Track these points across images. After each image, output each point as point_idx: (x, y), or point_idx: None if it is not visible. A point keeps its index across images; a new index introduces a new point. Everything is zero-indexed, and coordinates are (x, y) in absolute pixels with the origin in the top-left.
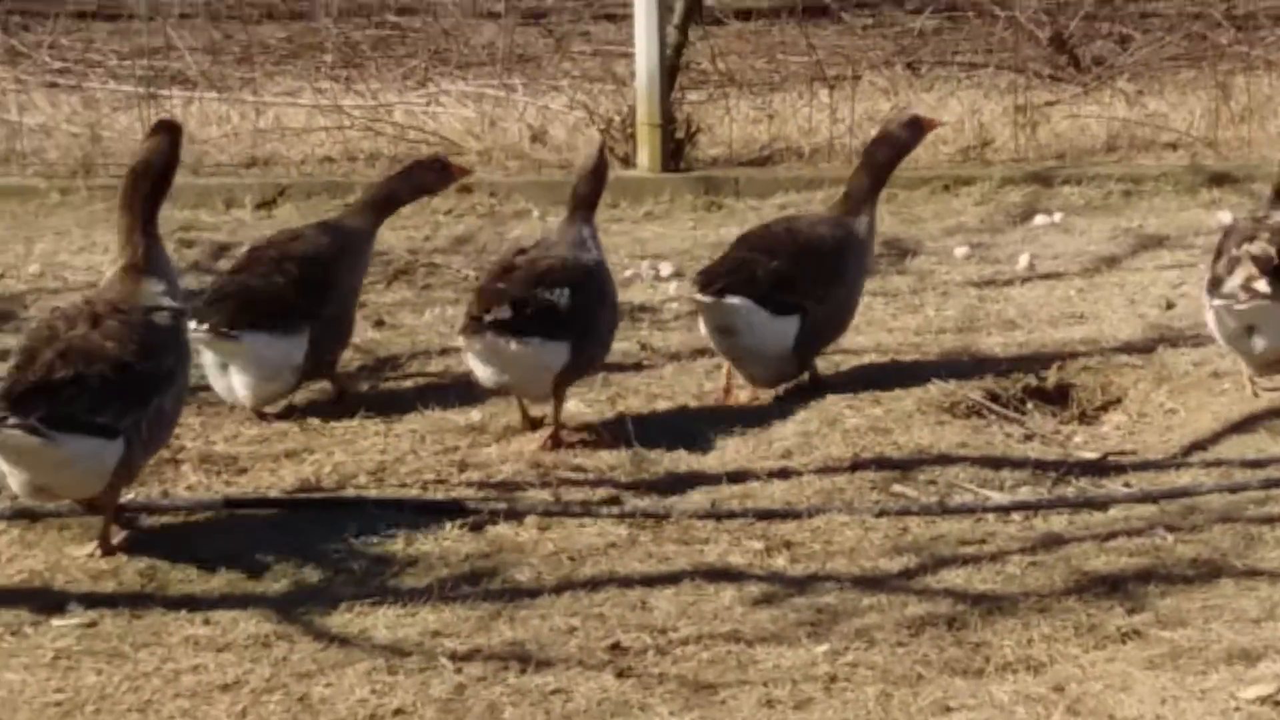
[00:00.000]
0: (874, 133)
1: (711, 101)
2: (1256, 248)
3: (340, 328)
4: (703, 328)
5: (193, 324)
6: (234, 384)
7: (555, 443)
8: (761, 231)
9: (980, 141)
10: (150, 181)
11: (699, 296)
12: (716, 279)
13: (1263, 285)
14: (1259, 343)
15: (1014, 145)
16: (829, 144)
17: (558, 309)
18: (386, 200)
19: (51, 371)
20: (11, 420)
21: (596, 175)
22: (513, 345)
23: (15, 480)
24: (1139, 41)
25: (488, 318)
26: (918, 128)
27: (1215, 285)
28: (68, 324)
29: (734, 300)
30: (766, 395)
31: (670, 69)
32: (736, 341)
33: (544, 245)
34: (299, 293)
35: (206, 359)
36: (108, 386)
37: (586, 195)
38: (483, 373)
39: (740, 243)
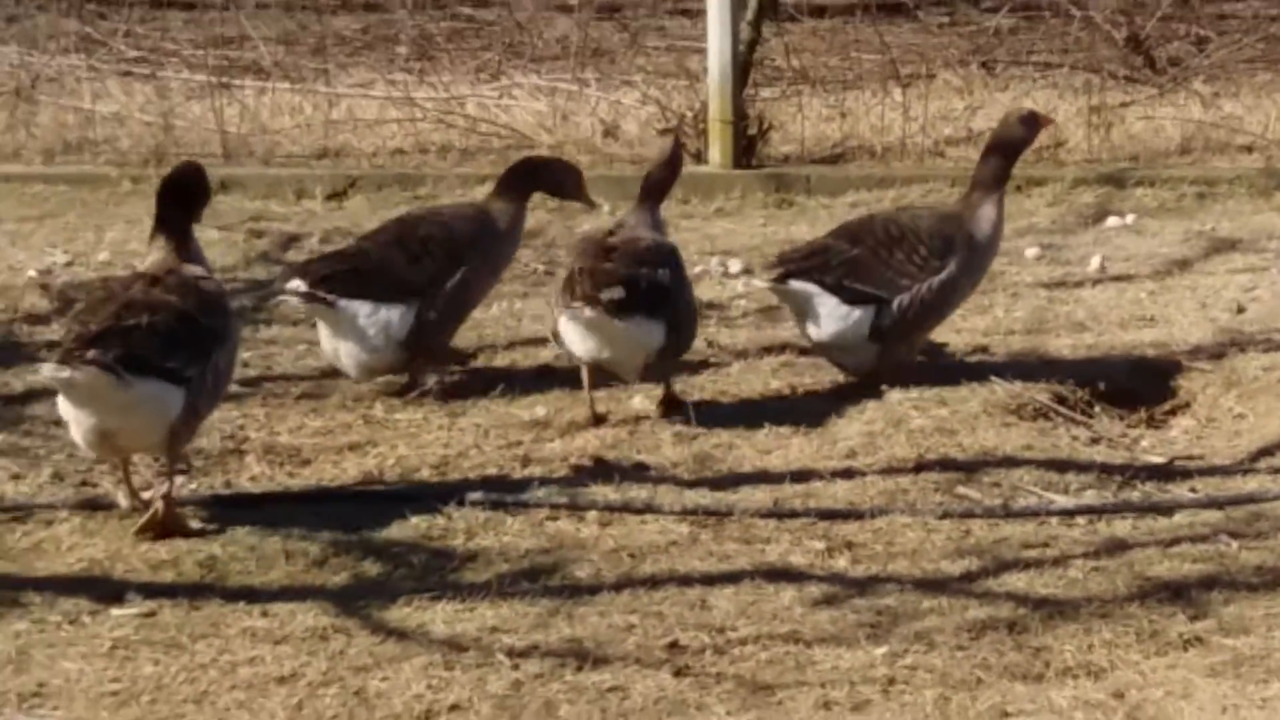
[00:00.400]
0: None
1: (784, 99)
2: None
3: (455, 308)
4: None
5: (293, 283)
6: (339, 352)
7: (671, 406)
8: (859, 220)
9: (1054, 142)
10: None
11: (758, 282)
12: (787, 264)
13: None
14: None
15: (1087, 146)
16: (901, 143)
17: (664, 288)
18: (528, 182)
19: (119, 319)
20: (90, 354)
21: (671, 166)
22: (621, 324)
23: (79, 428)
24: (1216, 43)
25: (604, 296)
26: (1033, 124)
27: None
28: (124, 286)
29: (799, 285)
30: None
31: (743, 65)
32: (808, 329)
33: (628, 228)
34: (410, 265)
35: (320, 326)
36: (174, 335)
37: (659, 184)
38: (582, 348)
39: (834, 231)
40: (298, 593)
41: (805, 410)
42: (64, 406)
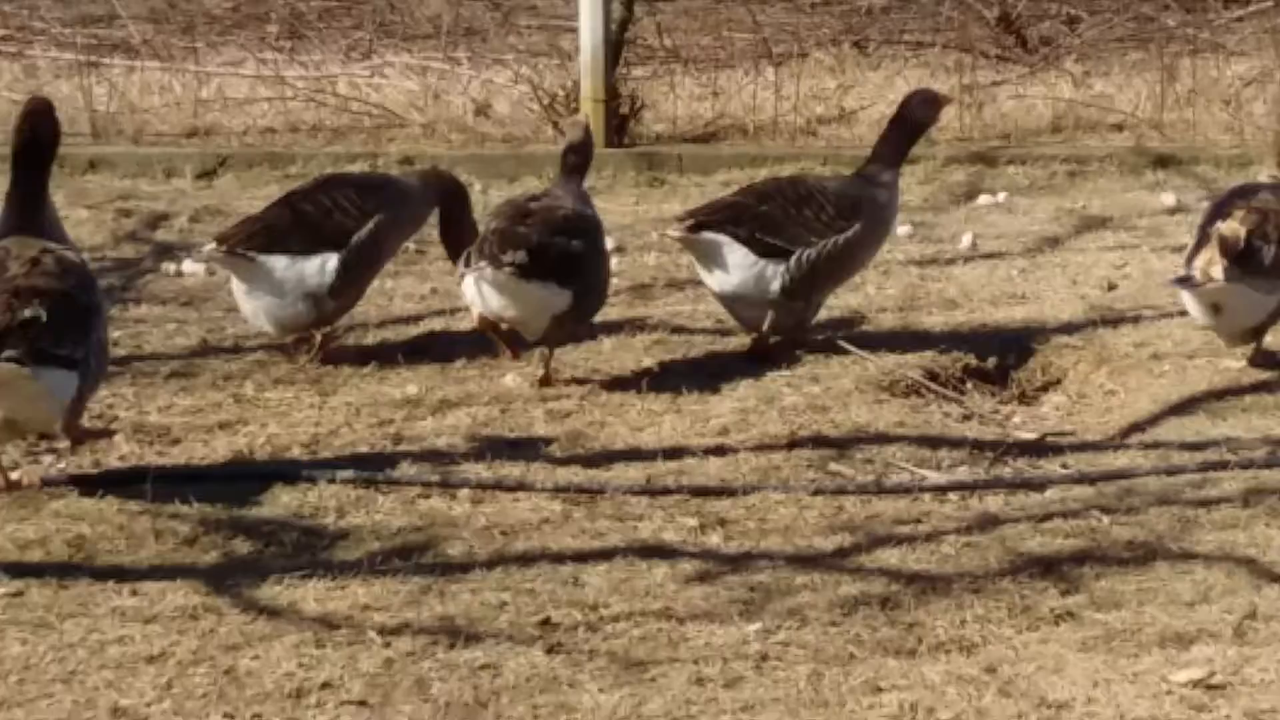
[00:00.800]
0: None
1: (656, 78)
2: (1227, 227)
3: (371, 258)
4: (695, 266)
5: (209, 246)
6: (256, 309)
7: (544, 383)
8: (766, 181)
9: None
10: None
11: (672, 232)
12: (698, 216)
13: (1217, 271)
14: (1222, 319)
15: (959, 125)
16: (774, 122)
17: (573, 256)
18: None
19: (13, 311)
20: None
21: (584, 148)
22: (525, 284)
23: None
24: (1087, 22)
25: (507, 258)
26: (934, 104)
27: (1187, 261)
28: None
29: (711, 236)
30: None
31: (615, 44)
32: (715, 280)
33: (552, 197)
34: (324, 218)
35: (234, 286)
36: (64, 319)
37: (578, 164)
38: (487, 305)
39: (741, 190)
40: (168, 571)
41: (677, 388)
42: None
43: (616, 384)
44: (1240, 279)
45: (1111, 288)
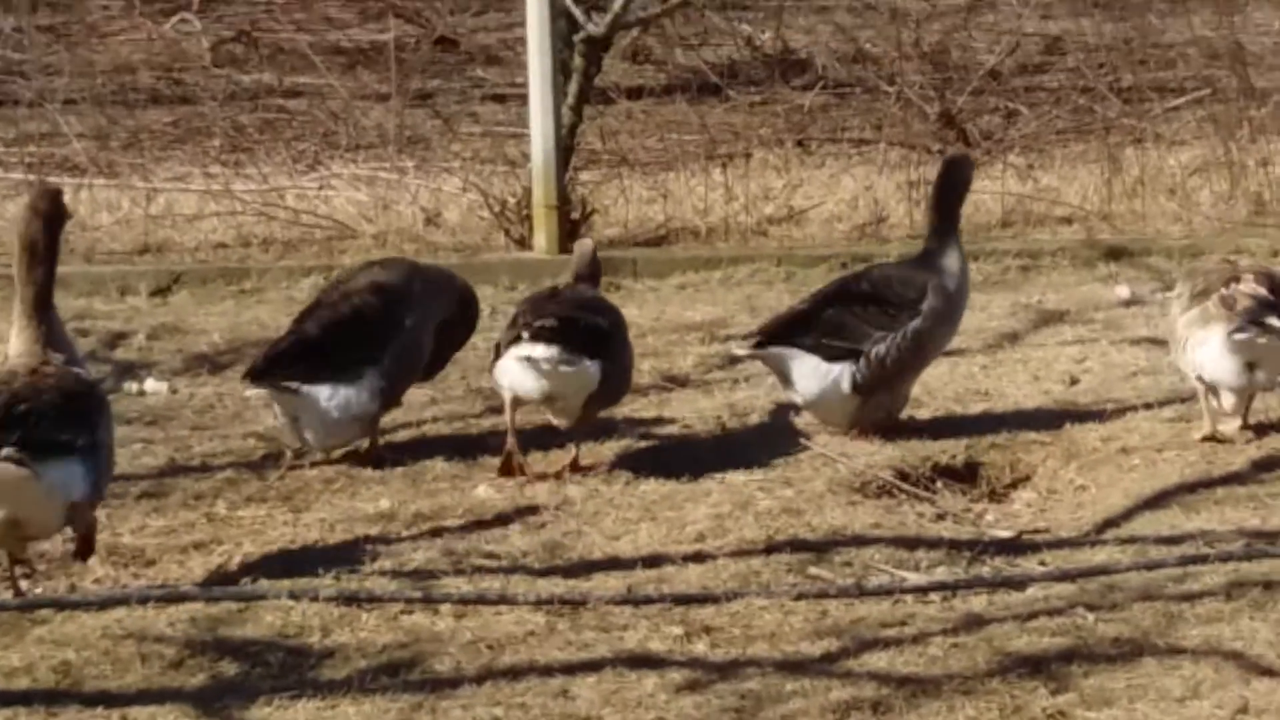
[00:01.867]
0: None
1: (605, 181)
2: (1255, 290)
3: (411, 362)
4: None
5: (251, 389)
6: (304, 433)
7: (575, 468)
8: (830, 283)
9: (875, 218)
10: (32, 254)
11: (739, 351)
12: (765, 331)
13: (1274, 321)
14: (1255, 379)
15: (910, 221)
16: (724, 222)
17: (603, 332)
18: None
19: (9, 410)
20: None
21: (594, 266)
22: (563, 363)
23: None
24: (1026, 115)
25: (538, 324)
26: (970, 163)
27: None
28: (4, 382)
29: (779, 350)
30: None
31: (565, 150)
32: (792, 390)
33: (570, 289)
34: (357, 339)
35: (276, 410)
36: (65, 417)
37: (592, 277)
38: (523, 386)
39: (806, 297)
40: (156, 695)
41: (650, 494)
42: None
43: (588, 492)
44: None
45: (1074, 382)
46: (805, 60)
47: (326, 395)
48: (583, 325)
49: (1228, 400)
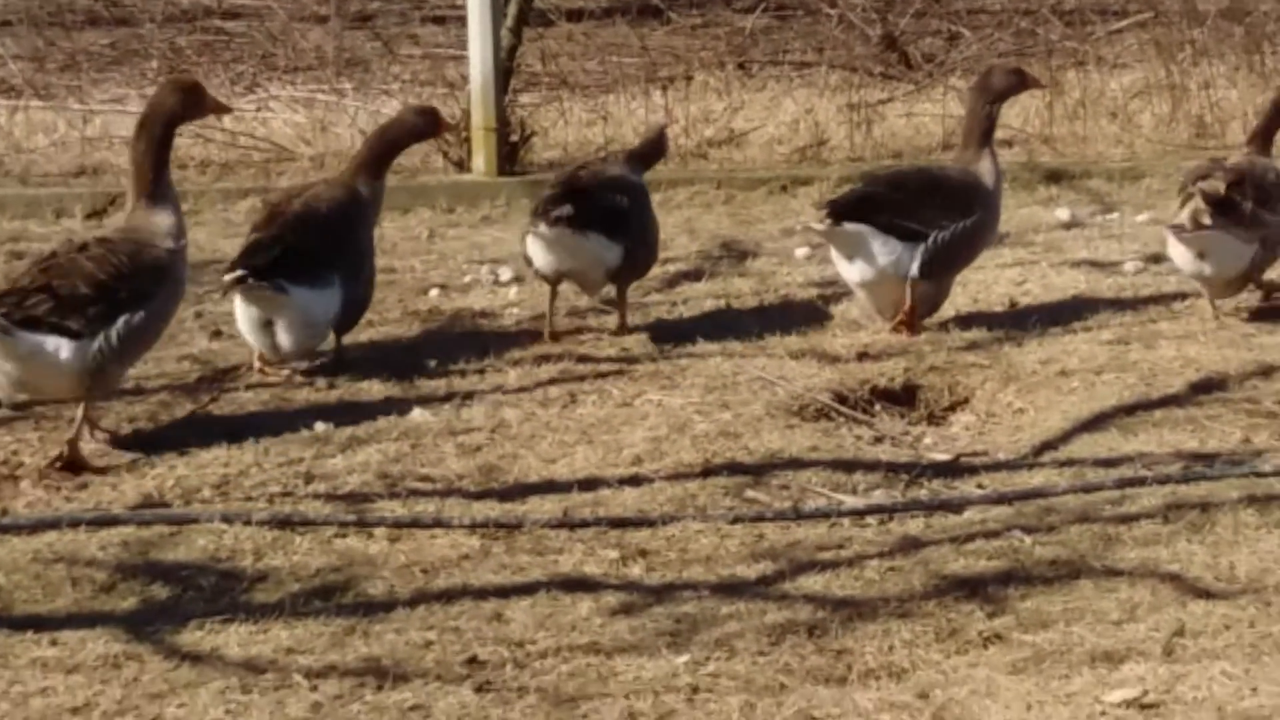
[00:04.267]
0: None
1: (545, 104)
2: (1208, 184)
3: (370, 272)
4: (834, 257)
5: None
6: (277, 339)
7: (620, 330)
8: (891, 171)
9: (816, 141)
10: (151, 129)
11: (815, 225)
12: (837, 208)
13: (1206, 219)
14: (1208, 267)
15: (850, 144)
16: None
17: (620, 211)
18: (383, 155)
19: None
20: None
21: (657, 146)
22: (577, 238)
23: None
24: (969, 38)
25: (555, 212)
26: (1022, 77)
27: (1174, 216)
28: (65, 249)
29: (854, 227)
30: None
31: (504, 72)
32: (855, 268)
33: (602, 165)
34: (328, 248)
35: (240, 313)
36: (76, 296)
37: (644, 155)
38: (544, 262)
39: (869, 180)
40: (87, 619)
41: (586, 418)
42: None
43: (524, 415)
44: (1224, 227)
45: (1013, 305)
46: None
47: (308, 297)
48: (595, 202)
49: (1203, 289)
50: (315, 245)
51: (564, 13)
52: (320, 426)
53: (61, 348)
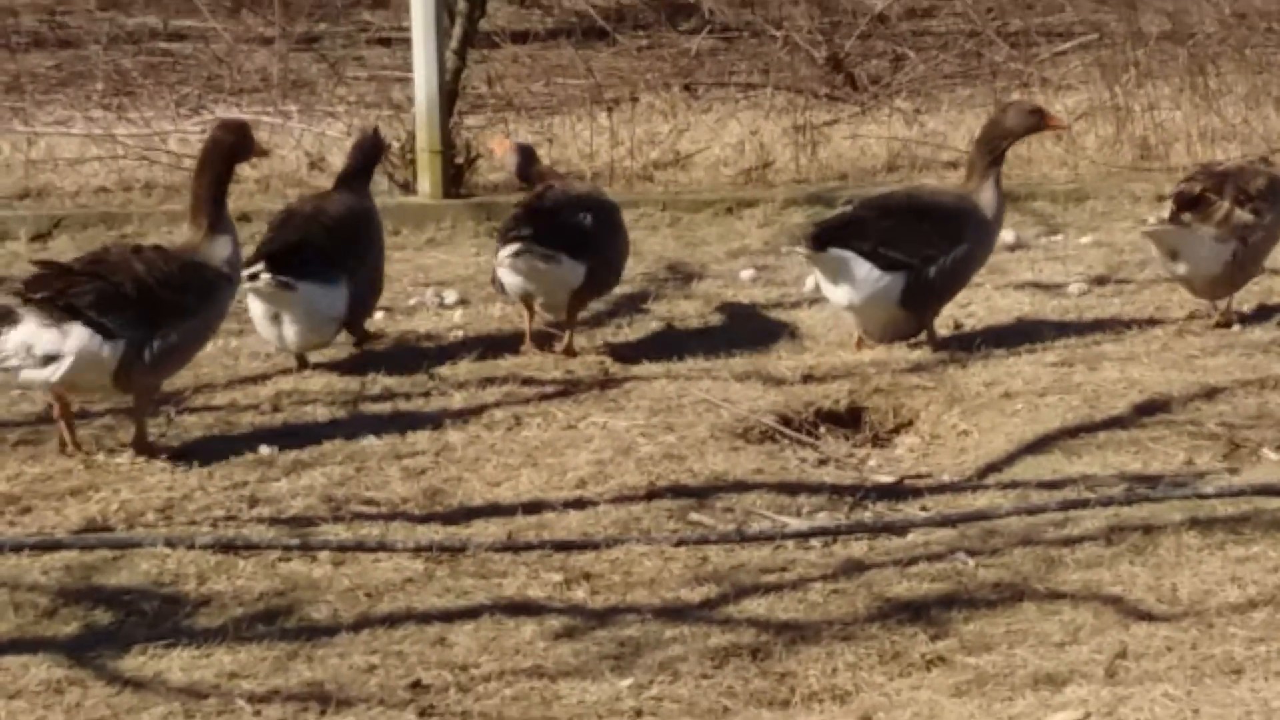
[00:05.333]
0: None
1: (491, 126)
2: (1185, 185)
3: (372, 284)
4: (819, 280)
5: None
6: (285, 332)
7: (569, 353)
8: (883, 195)
9: (761, 163)
10: (214, 165)
11: (799, 249)
12: (824, 232)
13: (1177, 217)
14: (1182, 267)
15: (795, 166)
16: (610, 167)
17: (583, 230)
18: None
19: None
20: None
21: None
22: (543, 263)
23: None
24: (914, 60)
25: (519, 232)
26: (1040, 117)
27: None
28: (119, 252)
29: (837, 252)
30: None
31: (449, 94)
32: (840, 293)
33: (568, 182)
34: (338, 247)
35: (254, 309)
36: (119, 296)
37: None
38: (512, 284)
39: (861, 204)
40: (29, 645)
41: (531, 441)
42: None
43: (469, 438)
44: (1190, 224)
45: (958, 327)
46: (693, 4)
47: (316, 293)
48: (561, 225)
49: (1185, 290)
50: (325, 244)
51: (509, 35)
52: (265, 450)
53: (93, 342)
